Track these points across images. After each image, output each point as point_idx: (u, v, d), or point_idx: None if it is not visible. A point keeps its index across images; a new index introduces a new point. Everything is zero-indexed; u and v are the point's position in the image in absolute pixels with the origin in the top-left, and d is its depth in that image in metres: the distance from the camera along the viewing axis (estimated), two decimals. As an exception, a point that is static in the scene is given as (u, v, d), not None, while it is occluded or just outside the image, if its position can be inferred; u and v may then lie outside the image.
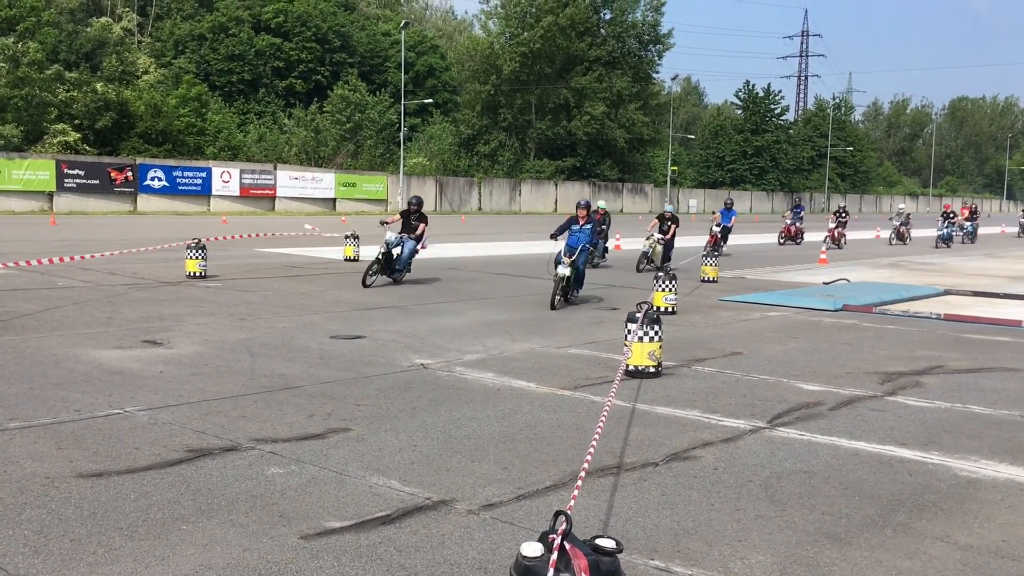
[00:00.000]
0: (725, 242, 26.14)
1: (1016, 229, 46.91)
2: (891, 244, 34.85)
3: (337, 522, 4.85)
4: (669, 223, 20.52)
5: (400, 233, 16.37)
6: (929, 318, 13.62)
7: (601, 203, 21.80)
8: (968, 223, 37.88)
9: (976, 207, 40.77)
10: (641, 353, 8.68)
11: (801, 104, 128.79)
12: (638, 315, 8.62)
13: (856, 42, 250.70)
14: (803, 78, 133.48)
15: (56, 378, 8.05)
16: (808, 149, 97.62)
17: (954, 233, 35.26)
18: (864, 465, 6.12)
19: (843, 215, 32.52)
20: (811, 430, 6.96)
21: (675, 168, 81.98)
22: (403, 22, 66.07)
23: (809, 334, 11.90)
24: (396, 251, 15.99)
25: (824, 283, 17.77)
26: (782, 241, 32.38)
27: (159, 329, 10.92)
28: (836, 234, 31.39)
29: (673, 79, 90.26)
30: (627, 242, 28.59)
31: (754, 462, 6.12)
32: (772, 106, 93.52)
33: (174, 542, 4.53)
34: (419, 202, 16.67)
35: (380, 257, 15.80)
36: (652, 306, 9.15)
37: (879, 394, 8.32)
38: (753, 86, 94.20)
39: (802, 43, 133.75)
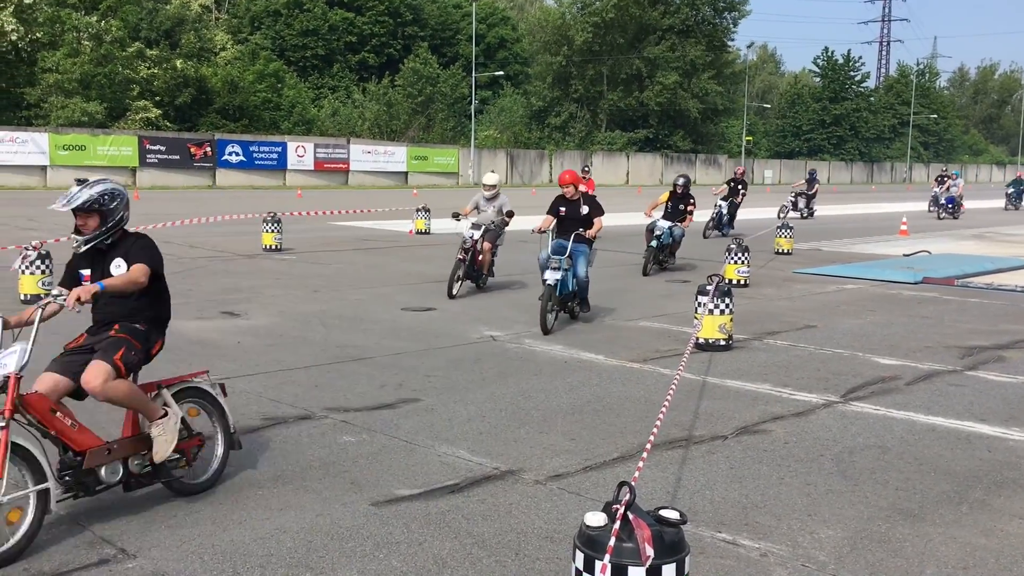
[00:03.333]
0: None
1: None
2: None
3: (407, 490, 4.94)
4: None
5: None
6: (1014, 291, 13.17)
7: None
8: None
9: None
10: (712, 326, 8.60)
11: (882, 71, 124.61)
12: (709, 287, 8.54)
13: (942, 5, 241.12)
14: (885, 43, 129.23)
15: (139, 347, 8.31)
16: (889, 117, 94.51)
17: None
18: (941, 441, 5.98)
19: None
20: (886, 405, 6.83)
21: (750, 138, 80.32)
22: (474, -6, 65.85)
23: (887, 307, 11.62)
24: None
25: (904, 255, 17.31)
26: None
27: (237, 301, 11.20)
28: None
29: (749, 47, 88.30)
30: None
31: (826, 436, 6.03)
32: (852, 73, 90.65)
33: (251, 506, 4.68)
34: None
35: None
36: (724, 278, 9.03)
37: (959, 368, 8.10)
38: (832, 52, 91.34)
39: (884, 7, 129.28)
